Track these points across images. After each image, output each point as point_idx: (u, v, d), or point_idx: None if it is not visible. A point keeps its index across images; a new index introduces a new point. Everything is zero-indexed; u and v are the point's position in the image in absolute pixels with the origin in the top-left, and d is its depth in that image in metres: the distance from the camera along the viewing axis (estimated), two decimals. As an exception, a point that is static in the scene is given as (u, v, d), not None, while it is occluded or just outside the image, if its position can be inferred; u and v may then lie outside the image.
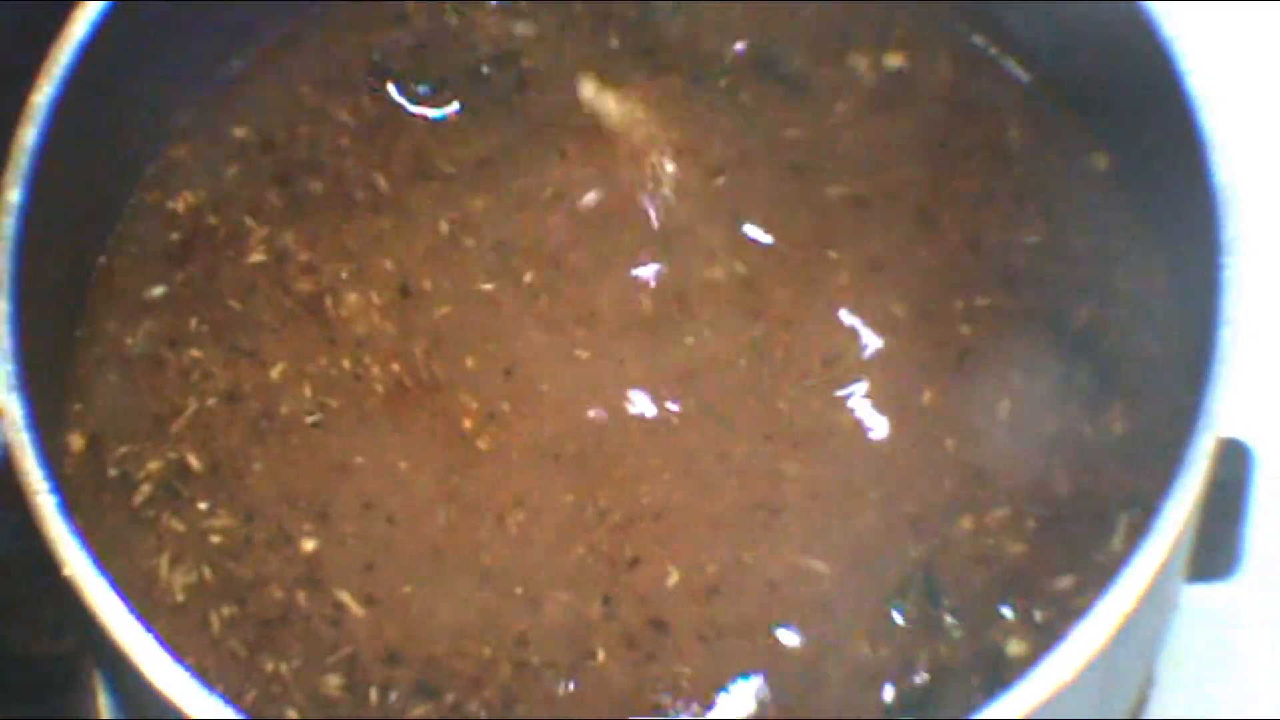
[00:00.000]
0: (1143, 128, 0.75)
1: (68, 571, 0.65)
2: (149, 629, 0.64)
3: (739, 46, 0.80)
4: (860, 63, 0.80)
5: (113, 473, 0.75)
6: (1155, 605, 0.67)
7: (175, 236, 0.78)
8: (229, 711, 0.63)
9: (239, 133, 0.80)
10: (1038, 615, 0.70)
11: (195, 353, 0.76)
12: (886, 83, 0.79)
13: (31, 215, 0.70)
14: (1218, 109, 0.69)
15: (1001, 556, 0.71)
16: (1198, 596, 0.79)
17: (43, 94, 0.72)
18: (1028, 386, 0.74)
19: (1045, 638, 0.69)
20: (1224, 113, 0.69)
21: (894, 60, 0.80)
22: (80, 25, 0.73)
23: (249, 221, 0.78)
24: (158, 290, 0.77)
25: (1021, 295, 0.76)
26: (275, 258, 0.77)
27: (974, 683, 0.70)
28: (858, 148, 0.78)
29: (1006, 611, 0.71)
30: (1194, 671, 0.81)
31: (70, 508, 0.66)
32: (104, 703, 0.77)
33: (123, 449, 0.75)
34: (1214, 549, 0.74)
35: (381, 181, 0.79)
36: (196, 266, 0.78)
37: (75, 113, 0.72)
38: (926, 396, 0.74)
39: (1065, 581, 0.71)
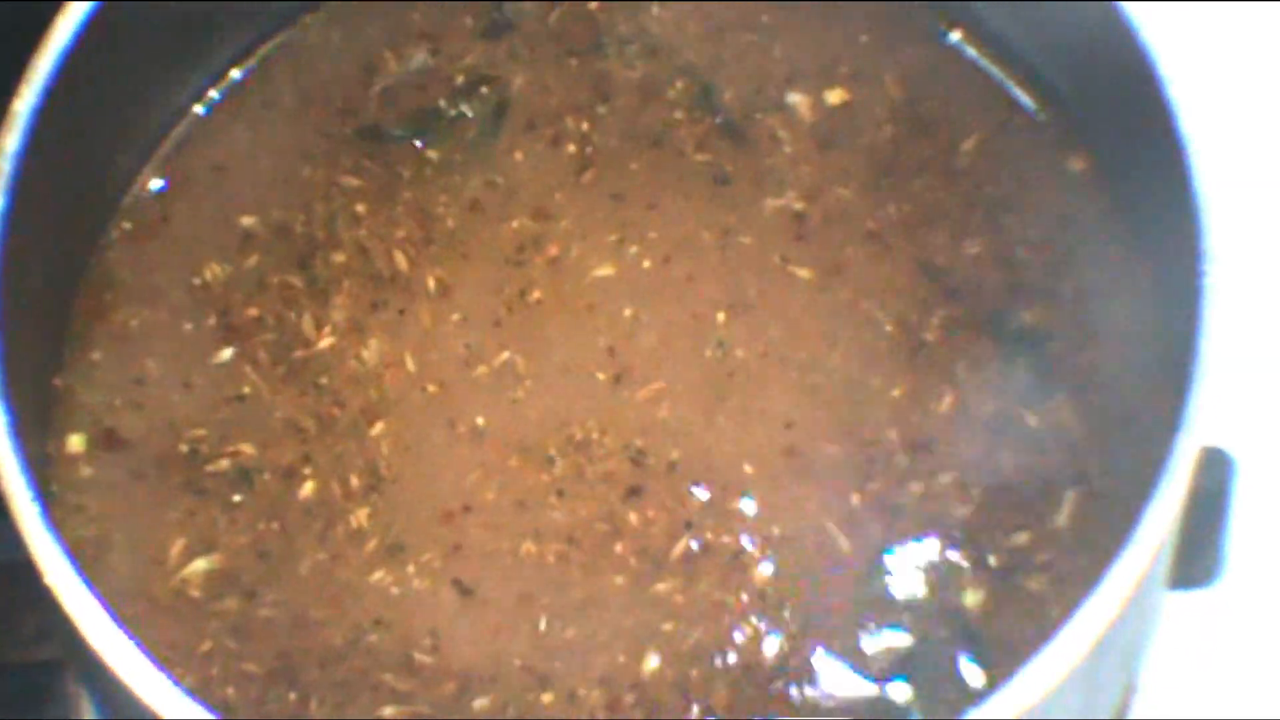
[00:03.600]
0: (1121, 132, 0.75)
1: (48, 580, 0.65)
2: (131, 636, 0.64)
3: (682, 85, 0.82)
4: (800, 101, 0.81)
5: (183, 449, 0.75)
6: (1137, 613, 0.68)
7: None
8: (208, 715, 0.63)
9: (244, 223, 0.80)
10: (991, 560, 0.72)
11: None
12: (827, 118, 0.80)
13: (14, 222, 0.70)
14: (1197, 117, 0.69)
15: (949, 517, 0.73)
16: (1179, 604, 0.79)
17: (24, 101, 0.72)
18: (973, 380, 0.75)
19: (1000, 584, 0.72)
20: (1203, 120, 0.69)
21: (834, 96, 0.81)
22: (62, 32, 0.73)
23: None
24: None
25: (968, 296, 0.77)
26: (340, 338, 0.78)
27: (946, 651, 0.71)
28: (797, 176, 0.80)
29: (962, 565, 0.72)
30: (1175, 678, 0.81)
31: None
32: (85, 710, 0.77)
33: (200, 431, 0.76)
34: (1195, 557, 0.74)
35: (400, 259, 0.79)
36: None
37: (58, 119, 0.72)
38: (875, 383, 0.75)
39: (1020, 538, 0.72)
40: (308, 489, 0.75)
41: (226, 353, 0.77)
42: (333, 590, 0.73)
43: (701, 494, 0.74)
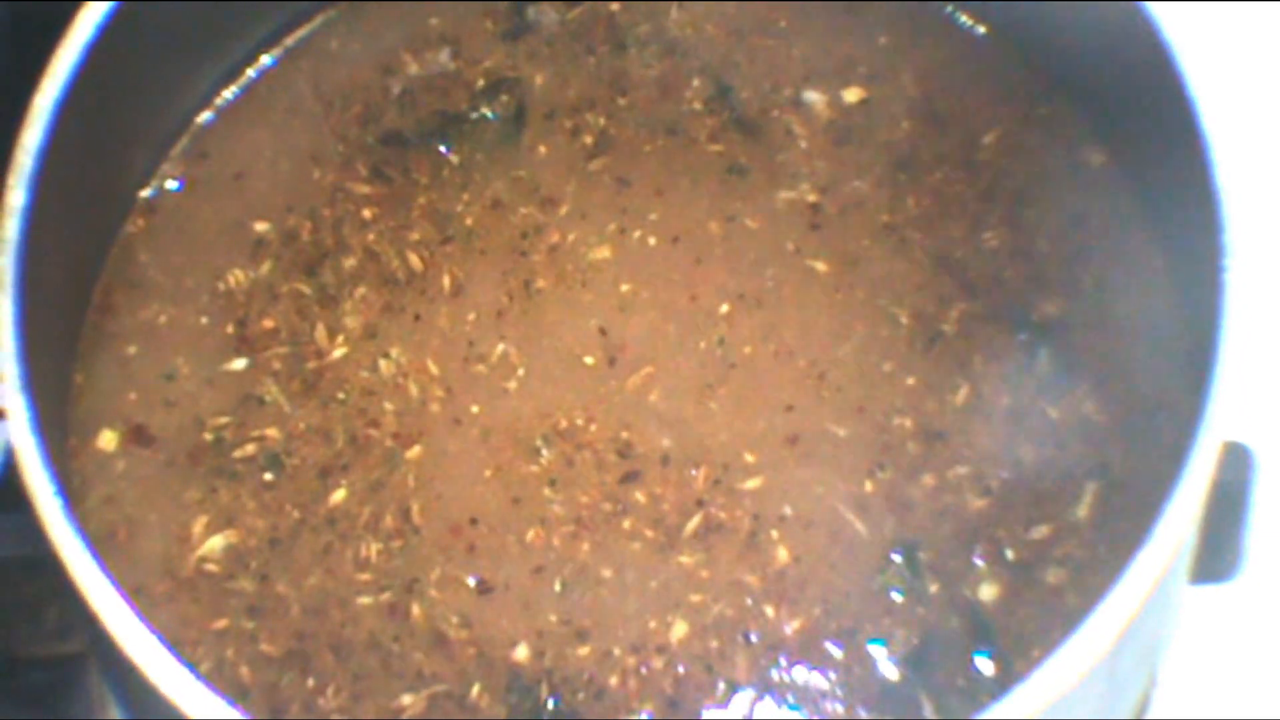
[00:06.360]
0: (1141, 126, 0.75)
1: (71, 575, 0.65)
2: (153, 631, 0.64)
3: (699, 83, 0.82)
4: (817, 100, 0.81)
5: (208, 437, 0.76)
6: (1159, 608, 0.68)
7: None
8: (232, 712, 0.63)
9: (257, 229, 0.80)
10: (1009, 554, 0.72)
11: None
12: (844, 115, 0.81)
13: (35, 216, 0.70)
14: (1216, 111, 0.69)
15: (964, 509, 0.73)
16: (1200, 599, 0.79)
17: (46, 96, 0.72)
18: (991, 372, 0.75)
19: (1017, 577, 0.71)
20: (1223, 114, 0.69)
21: (851, 95, 0.81)
22: (84, 27, 0.73)
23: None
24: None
25: (987, 289, 0.77)
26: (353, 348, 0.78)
27: (959, 643, 0.71)
28: (812, 169, 0.80)
29: (977, 559, 0.72)
30: (1196, 672, 0.81)
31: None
32: (109, 705, 0.77)
33: (223, 419, 0.76)
34: (1216, 551, 0.74)
35: (414, 260, 0.79)
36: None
37: (78, 115, 0.72)
38: (887, 368, 0.75)
39: (1040, 532, 0.72)
40: (338, 496, 0.75)
41: (241, 363, 0.77)
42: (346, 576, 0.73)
43: (700, 477, 0.74)
